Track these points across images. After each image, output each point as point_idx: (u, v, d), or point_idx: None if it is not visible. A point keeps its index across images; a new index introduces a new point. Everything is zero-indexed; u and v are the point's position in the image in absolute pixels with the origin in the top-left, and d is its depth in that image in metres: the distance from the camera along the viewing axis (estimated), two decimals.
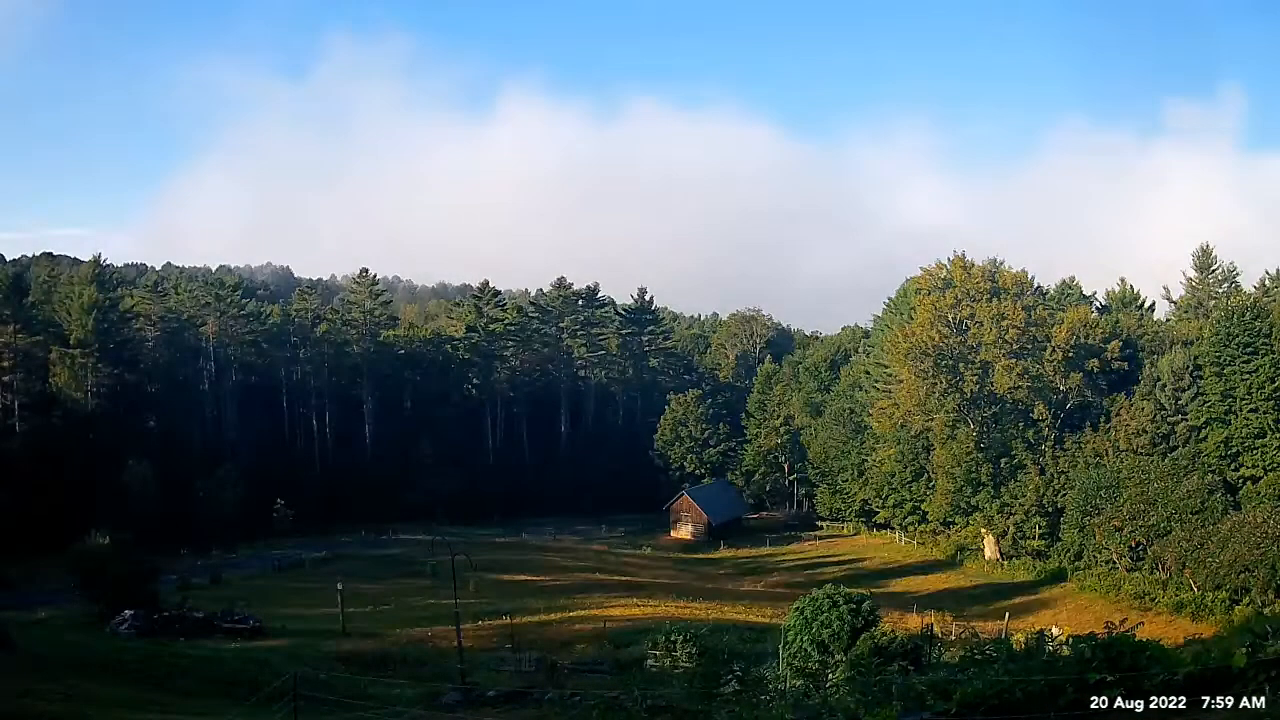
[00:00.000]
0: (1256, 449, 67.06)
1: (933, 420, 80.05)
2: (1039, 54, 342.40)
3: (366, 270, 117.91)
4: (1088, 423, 75.68)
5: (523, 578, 67.69)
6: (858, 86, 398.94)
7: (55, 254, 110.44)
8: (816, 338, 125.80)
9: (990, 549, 77.73)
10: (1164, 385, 72.61)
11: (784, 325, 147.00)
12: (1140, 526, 63.87)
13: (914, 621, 44.07)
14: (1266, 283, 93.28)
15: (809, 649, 30.89)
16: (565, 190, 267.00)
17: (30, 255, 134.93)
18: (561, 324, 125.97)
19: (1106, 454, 72.44)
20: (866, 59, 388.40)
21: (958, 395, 78.40)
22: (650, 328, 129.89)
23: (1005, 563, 75.14)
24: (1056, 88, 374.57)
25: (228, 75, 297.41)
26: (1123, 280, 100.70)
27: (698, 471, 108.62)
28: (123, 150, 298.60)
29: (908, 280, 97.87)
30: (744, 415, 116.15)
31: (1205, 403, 69.94)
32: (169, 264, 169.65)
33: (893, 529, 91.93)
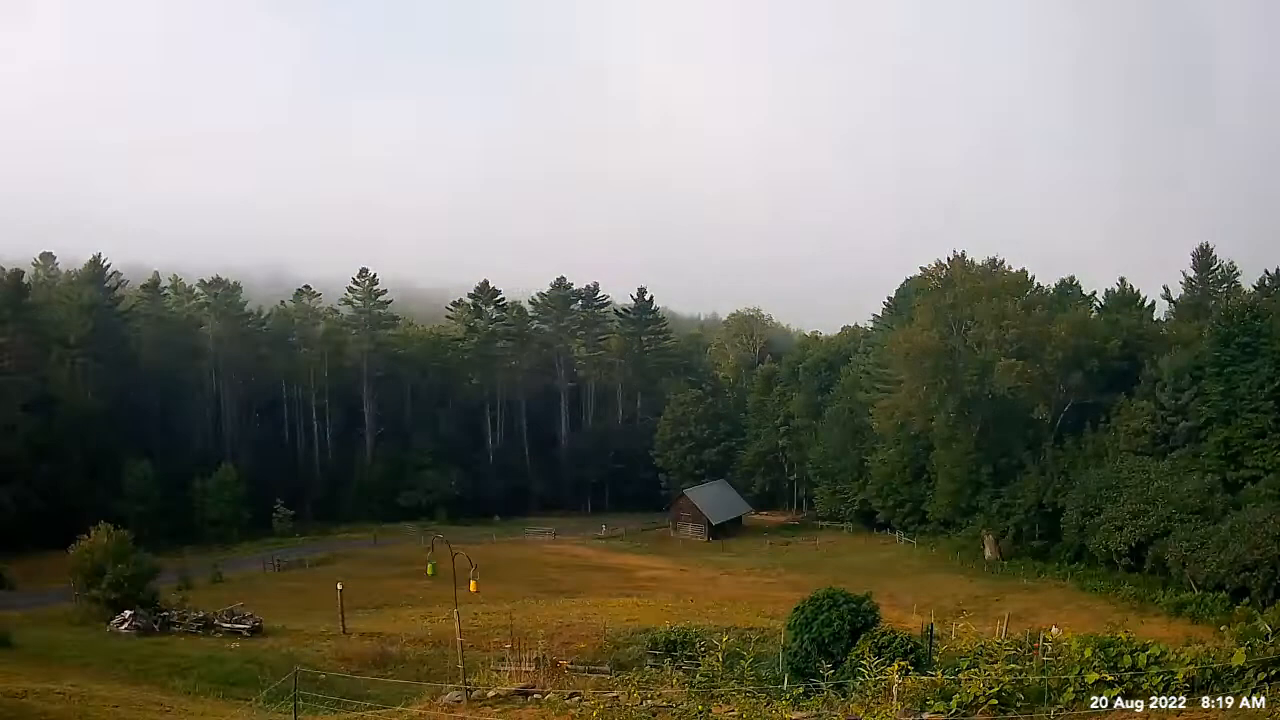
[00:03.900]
0: (1256, 449, 67.00)
1: (933, 421, 79.95)
2: None
3: (366, 270, 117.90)
4: (1088, 423, 75.60)
5: (523, 577, 67.65)
6: None
7: (55, 254, 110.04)
8: (816, 338, 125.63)
9: (990, 549, 77.68)
10: (1164, 385, 72.55)
11: (784, 325, 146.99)
12: (1140, 526, 63.83)
13: (914, 621, 43.98)
14: (1266, 282, 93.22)
15: (809, 649, 30.87)
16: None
17: (30, 255, 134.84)
18: (561, 324, 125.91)
19: (1106, 454, 72.39)
20: None
21: (958, 395, 78.29)
22: (650, 328, 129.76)
23: (1005, 563, 75.08)
24: None
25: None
26: (1123, 280, 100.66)
27: (698, 471, 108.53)
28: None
29: (908, 280, 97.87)
30: (744, 415, 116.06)
31: (1205, 402, 69.87)
32: (168, 263, 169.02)
33: (893, 529, 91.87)
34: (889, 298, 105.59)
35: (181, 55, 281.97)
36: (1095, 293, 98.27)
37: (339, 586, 50.02)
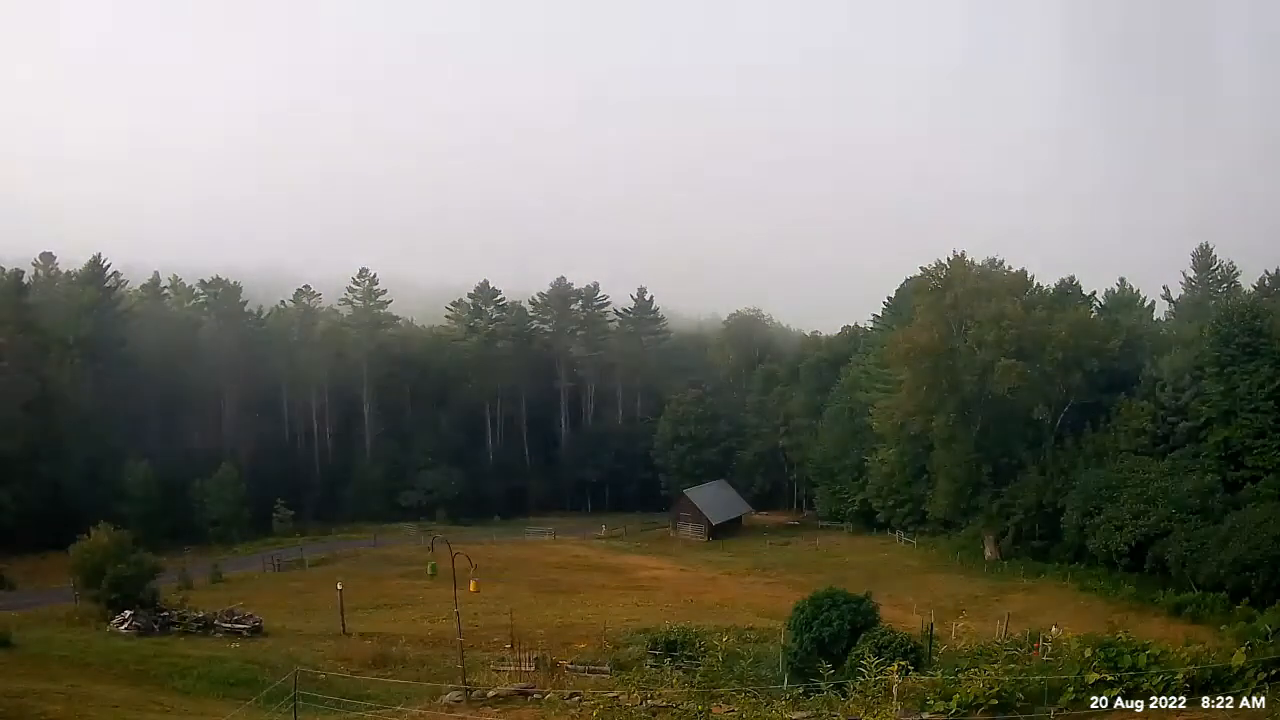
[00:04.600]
0: (1256, 449, 66.95)
1: (933, 421, 79.97)
2: None
3: (366, 270, 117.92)
4: (1088, 423, 75.63)
5: (523, 577, 67.70)
6: None
7: (54, 254, 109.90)
8: (817, 338, 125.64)
9: (990, 549, 77.70)
10: (1164, 385, 72.55)
11: (784, 325, 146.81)
12: (1140, 526, 63.83)
13: (914, 621, 44.02)
14: (1266, 282, 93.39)
15: (809, 649, 30.92)
16: None
17: (30, 255, 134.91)
18: (561, 324, 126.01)
19: (1106, 454, 72.41)
20: None
21: (958, 395, 78.32)
22: (650, 328, 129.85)
23: (1005, 563, 75.11)
24: None
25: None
26: (1122, 280, 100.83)
27: (697, 471, 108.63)
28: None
29: (908, 280, 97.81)
30: (744, 415, 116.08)
31: (1205, 402, 69.87)
32: (167, 263, 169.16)
33: (893, 529, 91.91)
34: (889, 298, 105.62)
35: (180, 52, 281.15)
36: (1095, 293, 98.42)
37: (339, 586, 50.09)
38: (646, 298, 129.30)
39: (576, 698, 23.49)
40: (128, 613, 43.30)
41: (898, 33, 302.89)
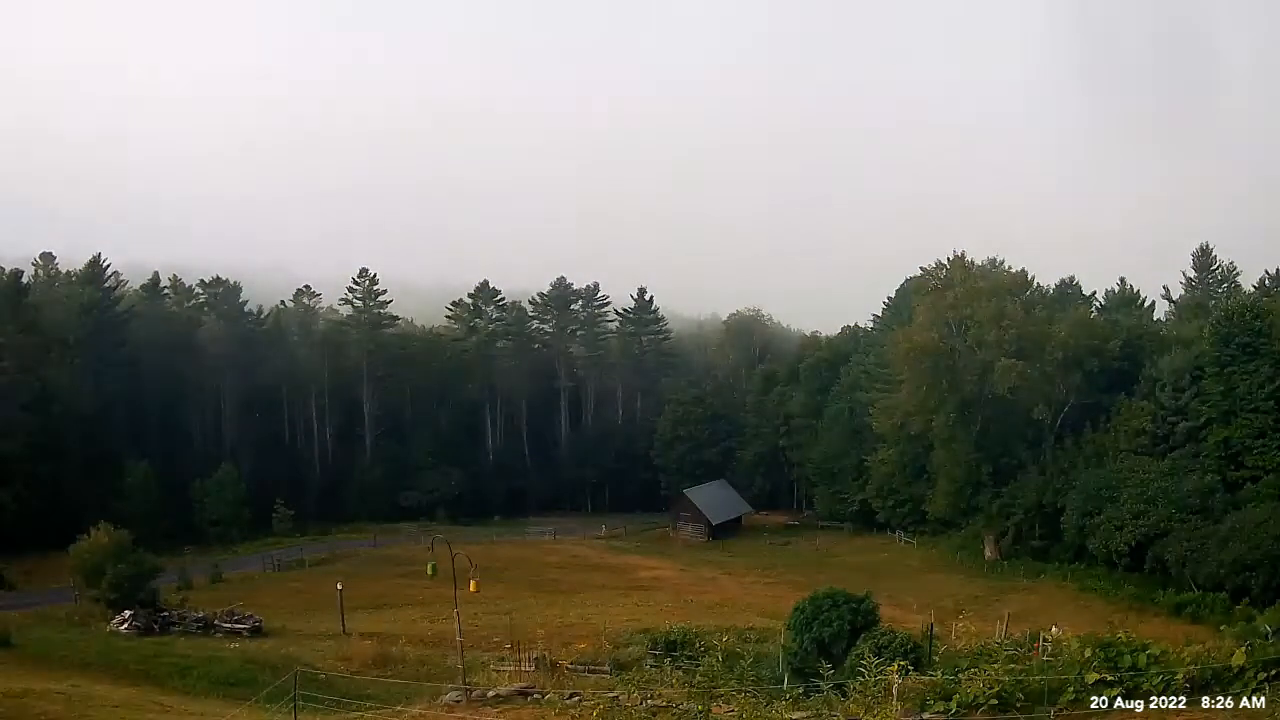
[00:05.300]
0: (1256, 449, 66.97)
1: (933, 421, 79.97)
2: None
3: (366, 270, 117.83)
4: (1088, 423, 75.65)
5: (523, 577, 67.69)
6: None
7: (55, 254, 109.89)
8: (816, 338, 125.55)
9: (990, 549, 77.71)
10: (1164, 385, 72.56)
11: (784, 325, 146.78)
12: (1140, 526, 63.85)
13: (914, 621, 44.00)
14: (1266, 282, 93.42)
15: (809, 649, 30.91)
16: None
17: (30, 255, 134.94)
18: (561, 324, 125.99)
19: (1106, 454, 72.43)
20: None
21: (958, 395, 78.34)
22: (650, 328, 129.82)
23: (1005, 563, 75.13)
24: None
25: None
26: (1122, 280, 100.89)
27: (697, 471, 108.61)
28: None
29: (907, 280, 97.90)
30: (744, 415, 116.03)
31: (1205, 402, 69.90)
32: (167, 263, 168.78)
33: (893, 529, 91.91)
34: (889, 298, 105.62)
35: (179, 52, 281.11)
36: (1095, 293, 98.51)
37: (339, 586, 50.10)
38: (646, 298, 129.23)
39: (576, 698, 23.49)
40: (128, 613, 43.34)
41: (898, 33, 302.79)
